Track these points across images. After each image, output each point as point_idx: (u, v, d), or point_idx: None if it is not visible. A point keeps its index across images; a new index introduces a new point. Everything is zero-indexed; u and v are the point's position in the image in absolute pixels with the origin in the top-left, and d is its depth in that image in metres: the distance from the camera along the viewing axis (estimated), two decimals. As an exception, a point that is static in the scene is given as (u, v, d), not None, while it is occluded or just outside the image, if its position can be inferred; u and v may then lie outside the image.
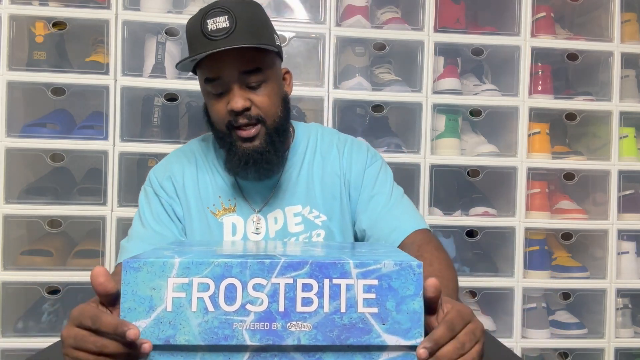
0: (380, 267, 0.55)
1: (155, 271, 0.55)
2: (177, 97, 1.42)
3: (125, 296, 0.54)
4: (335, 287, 0.55)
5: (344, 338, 0.54)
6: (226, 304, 0.54)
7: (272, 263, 0.55)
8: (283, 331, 0.54)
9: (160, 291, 0.55)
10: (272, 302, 0.54)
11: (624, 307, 1.56)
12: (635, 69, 1.61)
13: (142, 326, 0.54)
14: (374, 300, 0.55)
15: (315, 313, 0.54)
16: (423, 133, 1.47)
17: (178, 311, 0.54)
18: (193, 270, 0.55)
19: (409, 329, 0.54)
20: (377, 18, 1.55)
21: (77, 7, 1.38)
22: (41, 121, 1.40)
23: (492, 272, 1.52)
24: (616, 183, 1.54)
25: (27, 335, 1.34)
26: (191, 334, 0.54)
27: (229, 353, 0.55)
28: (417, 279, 0.55)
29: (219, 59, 0.87)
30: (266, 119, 0.91)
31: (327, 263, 0.55)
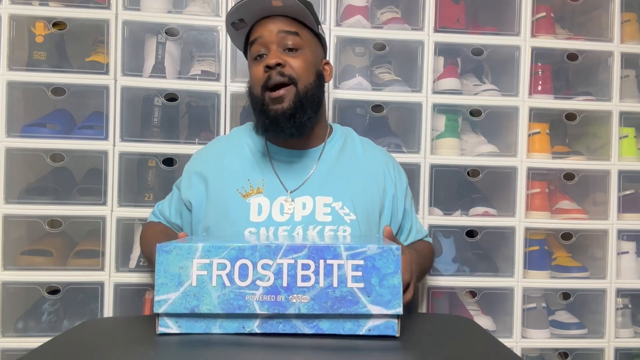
0: (365, 250, 0.67)
1: (182, 253, 0.68)
2: (177, 97, 1.42)
3: (159, 274, 0.68)
4: (329, 267, 0.67)
5: (336, 308, 0.66)
6: (240, 280, 0.67)
7: (277, 247, 0.68)
8: (286, 302, 0.66)
9: (187, 270, 0.68)
10: (277, 279, 0.67)
11: (624, 307, 1.56)
12: (635, 69, 1.61)
13: (172, 298, 0.67)
14: (361, 277, 0.67)
15: (313, 287, 0.67)
16: (423, 133, 1.47)
17: (201, 286, 0.67)
18: (213, 252, 0.68)
19: (389, 301, 0.66)
20: (377, 18, 1.55)
21: (77, 7, 1.38)
22: (41, 121, 1.40)
23: (492, 272, 1.52)
24: (616, 183, 1.54)
25: (27, 335, 1.34)
26: (212, 305, 0.67)
27: (242, 320, 0.68)
28: (396, 259, 0.67)
29: (263, 22, 0.98)
30: (298, 81, 0.96)
31: (322, 247, 0.68)
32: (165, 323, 0.68)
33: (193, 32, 1.47)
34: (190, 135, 1.44)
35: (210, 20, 1.42)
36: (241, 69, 1.45)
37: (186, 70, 1.47)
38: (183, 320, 0.68)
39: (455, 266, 1.51)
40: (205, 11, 1.44)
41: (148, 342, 0.65)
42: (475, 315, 1.50)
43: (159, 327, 0.68)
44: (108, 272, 1.36)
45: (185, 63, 1.50)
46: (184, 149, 1.40)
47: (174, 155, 1.40)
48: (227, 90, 1.41)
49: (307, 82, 0.97)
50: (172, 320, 0.68)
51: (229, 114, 1.41)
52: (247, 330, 0.68)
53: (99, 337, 0.67)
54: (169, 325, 0.68)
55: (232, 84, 1.41)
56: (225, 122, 1.40)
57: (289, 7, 0.97)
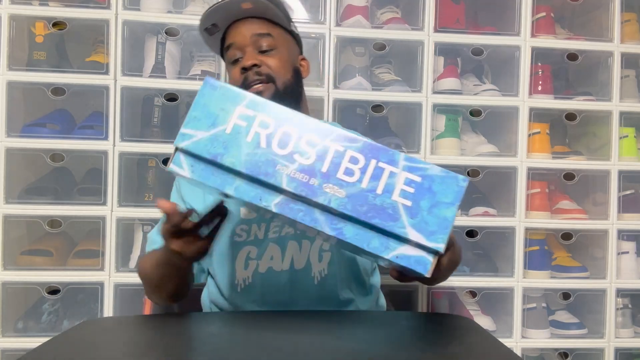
0: (427, 168, 0.58)
1: (229, 95, 0.61)
2: (177, 97, 1.42)
3: (196, 106, 0.61)
4: (379, 170, 0.58)
5: (370, 216, 0.57)
6: (278, 147, 0.59)
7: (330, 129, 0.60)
8: (318, 188, 0.58)
9: (227, 114, 0.60)
10: (318, 161, 0.59)
11: (624, 307, 1.56)
12: (635, 69, 1.61)
13: (199, 136, 0.61)
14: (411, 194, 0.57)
15: (353, 185, 0.58)
16: (423, 133, 1.47)
17: (235, 136, 0.60)
18: (261, 107, 0.60)
19: (434, 232, 0.57)
20: (377, 18, 1.55)
21: (77, 7, 1.38)
22: (41, 121, 1.40)
23: (492, 272, 1.52)
24: (616, 183, 1.54)
25: (27, 335, 1.34)
26: (237, 159, 0.59)
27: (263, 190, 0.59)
28: (458, 190, 0.58)
29: (236, 26, 0.99)
30: (276, 79, 0.97)
31: (380, 147, 0.59)
32: (179, 161, 0.61)
33: (193, 32, 1.47)
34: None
35: (210, 20, 1.42)
36: (241, 69, 1.45)
37: (186, 70, 1.47)
38: (200, 165, 0.60)
39: (455, 266, 1.51)
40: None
41: (148, 342, 0.65)
42: (475, 315, 1.50)
43: (171, 163, 0.61)
44: (108, 272, 1.36)
45: (185, 63, 1.50)
46: (184, 149, 1.39)
47: (174, 155, 1.40)
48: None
49: (285, 79, 0.98)
50: (188, 161, 0.61)
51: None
52: (263, 203, 0.59)
53: (99, 337, 0.67)
54: (182, 165, 0.61)
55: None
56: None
57: (259, 9, 0.99)
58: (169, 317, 0.76)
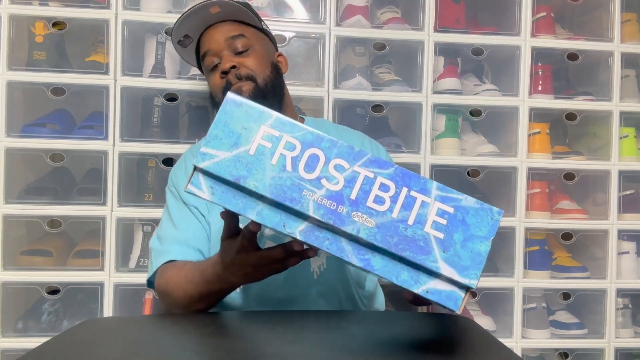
0: (461, 199, 0.56)
1: (253, 114, 0.57)
2: (177, 97, 1.42)
3: (218, 124, 0.57)
4: (410, 199, 0.55)
5: (401, 248, 0.54)
6: (304, 170, 0.56)
7: (360, 152, 0.57)
8: (347, 217, 0.55)
9: (250, 133, 0.57)
10: (346, 187, 0.56)
11: (624, 307, 1.56)
12: (636, 69, 1.61)
13: (221, 157, 0.57)
14: (444, 226, 0.55)
15: (383, 214, 0.55)
16: (423, 133, 1.47)
17: (259, 157, 0.56)
18: (287, 127, 0.57)
19: (467, 267, 0.55)
20: (377, 18, 1.55)
21: (77, 7, 1.38)
22: (41, 121, 1.40)
23: (492, 272, 1.52)
24: (616, 183, 1.54)
25: (27, 335, 1.34)
26: (262, 183, 0.56)
27: (287, 216, 0.56)
28: (493, 224, 0.56)
29: (208, 33, 1.00)
30: (256, 78, 0.98)
31: (412, 174, 0.56)
32: (198, 182, 0.57)
33: (193, 32, 1.47)
34: (190, 135, 1.44)
35: (210, 20, 1.42)
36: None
37: (186, 70, 1.47)
38: (220, 187, 0.57)
39: (455, 266, 1.51)
40: (205, 11, 1.44)
41: (148, 342, 0.65)
42: (475, 315, 1.50)
43: (189, 185, 0.57)
44: (108, 272, 1.36)
45: (185, 63, 1.49)
46: (183, 149, 1.39)
47: (174, 155, 1.40)
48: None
49: (265, 75, 0.99)
50: (207, 182, 0.57)
51: (229, 114, 1.40)
52: (286, 230, 0.56)
53: (99, 337, 0.67)
54: (201, 187, 0.57)
55: (232, 84, 1.41)
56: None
57: (228, 12, 0.99)
58: (169, 317, 0.76)
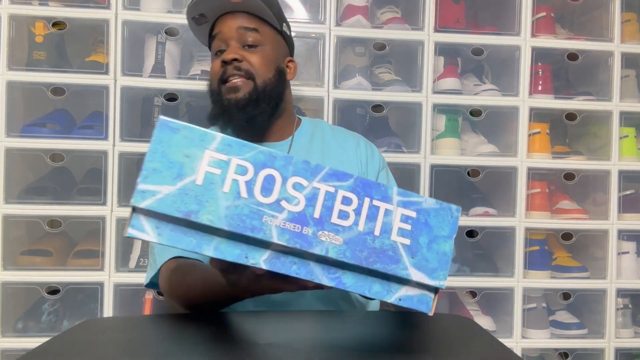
0: (421, 201, 0.55)
1: (193, 138, 0.51)
2: (177, 97, 1.42)
3: (154, 155, 0.50)
4: (374, 209, 0.54)
5: (372, 261, 0.53)
6: (261, 195, 0.51)
7: (317, 166, 0.53)
8: (313, 238, 0.52)
9: (194, 161, 0.50)
10: (308, 206, 0.52)
11: (624, 307, 1.56)
12: (636, 69, 1.61)
13: (164, 192, 0.49)
14: (409, 232, 0.54)
15: (349, 229, 0.53)
16: (423, 133, 1.47)
17: (208, 187, 0.50)
18: (235, 149, 0.51)
19: (435, 269, 0.54)
20: (377, 18, 1.55)
21: (77, 7, 1.38)
22: (41, 121, 1.40)
23: (492, 272, 1.52)
24: (616, 183, 1.54)
25: (27, 335, 1.34)
26: (216, 215, 0.50)
27: (248, 247, 0.52)
28: (453, 221, 0.55)
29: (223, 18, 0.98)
30: (256, 77, 0.95)
31: (372, 183, 0.54)
32: (140, 224, 0.50)
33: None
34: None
35: (210, 20, 1.42)
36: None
37: (186, 70, 1.47)
38: (167, 226, 0.50)
39: (456, 266, 1.51)
40: (205, 11, 1.44)
41: (148, 342, 0.65)
42: (475, 315, 1.50)
43: (128, 228, 0.49)
44: (108, 272, 1.36)
45: (185, 63, 1.50)
46: (183, 149, 1.40)
47: (174, 155, 1.40)
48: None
49: (266, 78, 0.96)
50: (151, 223, 0.50)
51: (229, 114, 1.41)
52: (250, 261, 0.52)
53: (99, 337, 0.67)
54: (144, 229, 0.50)
55: (232, 84, 1.41)
56: (225, 122, 1.40)
57: (247, 4, 0.97)
58: (169, 318, 0.76)
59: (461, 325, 0.75)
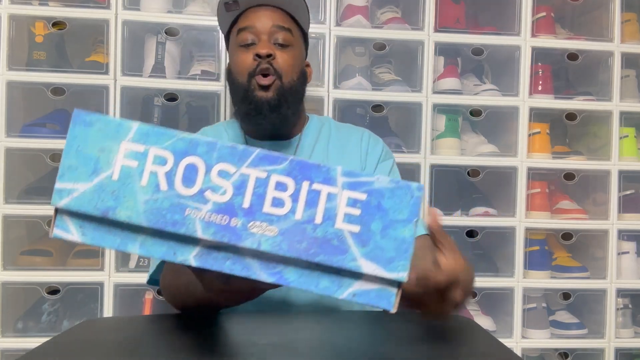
0: (372, 181, 0.48)
1: (108, 131, 0.48)
2: (177, 97, 1.42)
3: (69, 152, 0.48)
4: (314, 193, 0.47)
5: (312, 253, 0.46)
6: (183, 186, 0.47)
7: (245, 150, 0.48)
8: (242, 230, 0.47)
9: (110, 155, 0.48)
10: (236, 195, 0.47)
11: (624, 307, 1.56)
12: (636, 69, 1.61)
13: (80, 189, 0.47)
14: (357, 217, 0.47)
15: (285, 217, 0.47)
16: (423, 133, 1.47)
17: (125, 181, 0.47)
18: (152, 138, 0.48)
19: (392, 259, 0.47)
20: (377, 18, 1.55)
21: (77, 7, 1.38)
22: (41, 121, 1.40)
23: (492, 272, 1.52)
24: (616, 183, 1.54)
25: (27, 335, 1.34)
26: (135, 211, 0.47)
27: (175, 244, 0.48)
28: (414, 202, 0.47)
29: (257, 10, 0.96)
30: (283, 77, 0.94)
31: (311, 164, 0.48)
32: (64, 224, 0.48)
33: (193, 32, 1.47)
34: (190, 135, 1.44)
35: (210, 20, 1.42)
36: (241, 68, 1.45)
37: (186, 70, 1.47)
38: (91, 225, 0.48)
39: (456, 266, 1.51)
40: (205, 11, 1.44)
41: (148, 342, 0.65)
42: (475, 315, 1.50)
43: (54, 229, 0.48)
44: (108, 272, 1.36)
45: (185, 63, 1.50)
46: (183, 149, 1.39)
47: (174, 155, 1.40)
48: (227, 90, 1.41)
49: (292, 79, 0.95)
50: (74, 222, 0.48)
51: (229, 114, 1.41)
52: (178, 259, 0.48)
53: (99, 337, 0.67)
54: (69, 229, 0.48)
55: (232, 84, 1.41)
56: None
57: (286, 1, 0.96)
58: (169, 318, 0.76)
59: (461, 326, 0.75)
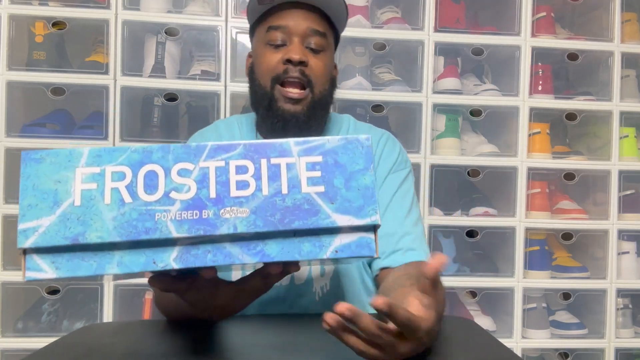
0: (324, 143, 0.50)
1: (60, 162, 0.49)
2: (177, 97, 1.42)
3: (25, 192, 0.49)
4: (274, 168, 0.50)
5: (287, 222, 0.48)
6: (146, 193, 0.48)
7: (198, 147, 0.49)
8: (216, 219, 0.48)
9: (67, 184, 0.48)
10: (201, 188, 0.48)
11: (624, 307, 1.56)
12: (636, 69, 1.61)
13: (45, 224, 0.48)
14: (320, 178, 0.50)
15: (253, 196, 0.49)
16: (423, 133, 1.47)
17: (88, 205, 0.48)
18: (105, 158, 0.49)
19: (361, 207, 0.49)
20: (377, 18, 1.55)
21: (77, 7, 1.38)
22: (41, 121, 1.40)
23: (492, 272, 1.52)
24: (616, 183, 1.54)
25: (27, 335, 1.34)
26: (105, 230, 0.47)
27: (153, 250, 0.48)
28: (366, 152, 0.51)
29: (292, 11, 0.87)
30: (315, 86, 0.87)
31: (264, 143, 0.50)
32: (34, 264, 0.48)
33: (193, 32, 1.47)
34: (190, 135, 1.43)
35: (210, 20, 1.42)
36: (241, 69, 1.45)
37: (186, 70, 1.47)
38: (62, 257, 0.48)
39: (456, 266, 1.51)
40: (205, 11, 1.44)
41: (150, 346, 0.65)
42: (475, 315, 1.50)
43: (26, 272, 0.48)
44: (108, 272, 1.36)
45: (185, 63, 1.50)
46: (183, 149, 1.40)
47: (174, 155, 1.40)
48: (227, 90, 1.41)
49: (323, 88, 0.89)
50: (45, 259, 0.48)
51: (229, 114, 1.41)
52: (160, 266, 0.48)
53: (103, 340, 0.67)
54: (41, 267, 0.48)
55: (232, 84, 1.41)
56: (225, 122, 1.40)
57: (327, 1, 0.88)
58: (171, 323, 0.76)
59: (461, 326, 0.75)
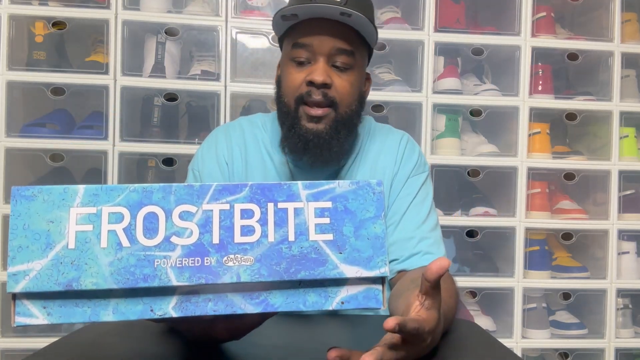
0: (334, 187, 0.48)
1: (53, 200, 0.45)
2: (177, 97, 1.42)
3: (15, 232, 0.45)
4: (281, 212, 0.47)
5: (293, 272, 0.46)
6: (145, 237, 0.45)
7: (202, 187, 0.47)
8: (218, 267, 0.45)
9: (60, 224, 0.45)
10: (203, 233, 0.46)
11: (624, 307, 1.56)
12: (636, 69, 1.61)
13: (37, 268, 0.44)
14: (328, 225, 0.47)
15: (258, 243, 0.46)
16: (423, 133, 1.47)
17: (83, 248, 0.45)
18: (102, 197, 0.46)
19: (370, 257, 0.47)
20: (377, 18, 1.55)
21: (76, 7, 1.38)
22: (41, 121, 1.40)
23: (492, 272, 1.52)
24: (616, 183, 1.54)
25: (27, 335, 1.34)
26: (100, 276, 0.44)
27: (151, 298, 0.45)
28: (377, 198, 0.48)
29: (317, 25, 0.84)
30: (340, 105, 0.85)
31: (271, 185, 0.48)
32: (25, 309, 0.45)
33: (193, 32, 1.47)
34: (190, 135, 1.44)
35: (210, 20, 1.42)
36: (241, 69, 1.45)
37: (186, 70, 1.47)
38: (55, 303, 0.45)
39: (456, 266, 1.51)
40: (205, 11, 1.44)
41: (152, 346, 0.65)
42: (475, 315, 1.50)
43: (16, 318, 0.45)
44: (108, 272, 1.36)
45: (185, 63, 1.50)
46: (183, 149, 1.40)
47: (174, 155, 1.40)
48: (227, 90, 1.41)
49: (348, 108, 0.86)
50: (36, 305, 0.45)
51: (229, 114, 1.41)
52: (158, 314, 0.45)
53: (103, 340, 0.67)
54: (31, 313, 0.45)
55: (232, 84, 1.41)
56: (225, 121, 1.40)
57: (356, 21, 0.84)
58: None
59: (461, 326, 0.75)
